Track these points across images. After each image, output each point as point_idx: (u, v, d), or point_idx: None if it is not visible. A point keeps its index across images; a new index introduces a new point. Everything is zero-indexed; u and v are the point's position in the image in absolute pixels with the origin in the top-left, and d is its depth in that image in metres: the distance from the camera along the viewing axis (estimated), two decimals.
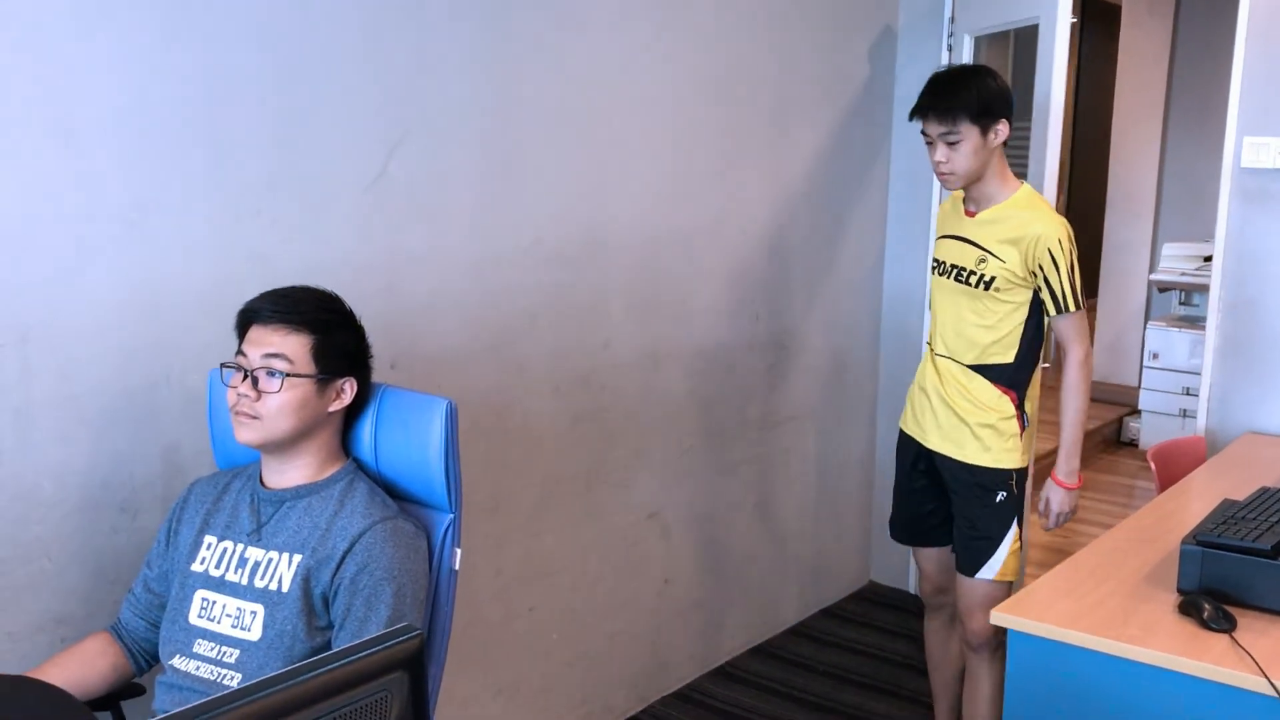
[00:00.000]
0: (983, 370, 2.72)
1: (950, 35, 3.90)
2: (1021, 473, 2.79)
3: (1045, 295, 2.62)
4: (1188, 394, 5.70)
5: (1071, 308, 2.61)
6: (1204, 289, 5.33)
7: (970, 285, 2.67)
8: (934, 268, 2.80)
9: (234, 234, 2.21)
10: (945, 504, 2.84)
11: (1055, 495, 2.78)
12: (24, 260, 1.93)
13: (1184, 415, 5.79)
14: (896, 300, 4.11)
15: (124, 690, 1.99)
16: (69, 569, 2.04)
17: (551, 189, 2.84)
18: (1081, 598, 2.16)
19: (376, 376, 2.49)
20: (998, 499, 2.75)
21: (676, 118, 3.17)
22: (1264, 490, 2.36)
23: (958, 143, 2.59)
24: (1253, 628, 1.98)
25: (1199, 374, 3.56)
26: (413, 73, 2.48)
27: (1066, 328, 2.65)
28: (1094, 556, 2.39)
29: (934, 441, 2.79)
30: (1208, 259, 4.65)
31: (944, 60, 3.89)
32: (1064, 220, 2.64)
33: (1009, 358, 2.71)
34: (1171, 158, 6.41)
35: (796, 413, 3.81)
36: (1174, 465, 3.19)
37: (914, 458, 2.88)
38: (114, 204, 2.03)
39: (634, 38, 2.99)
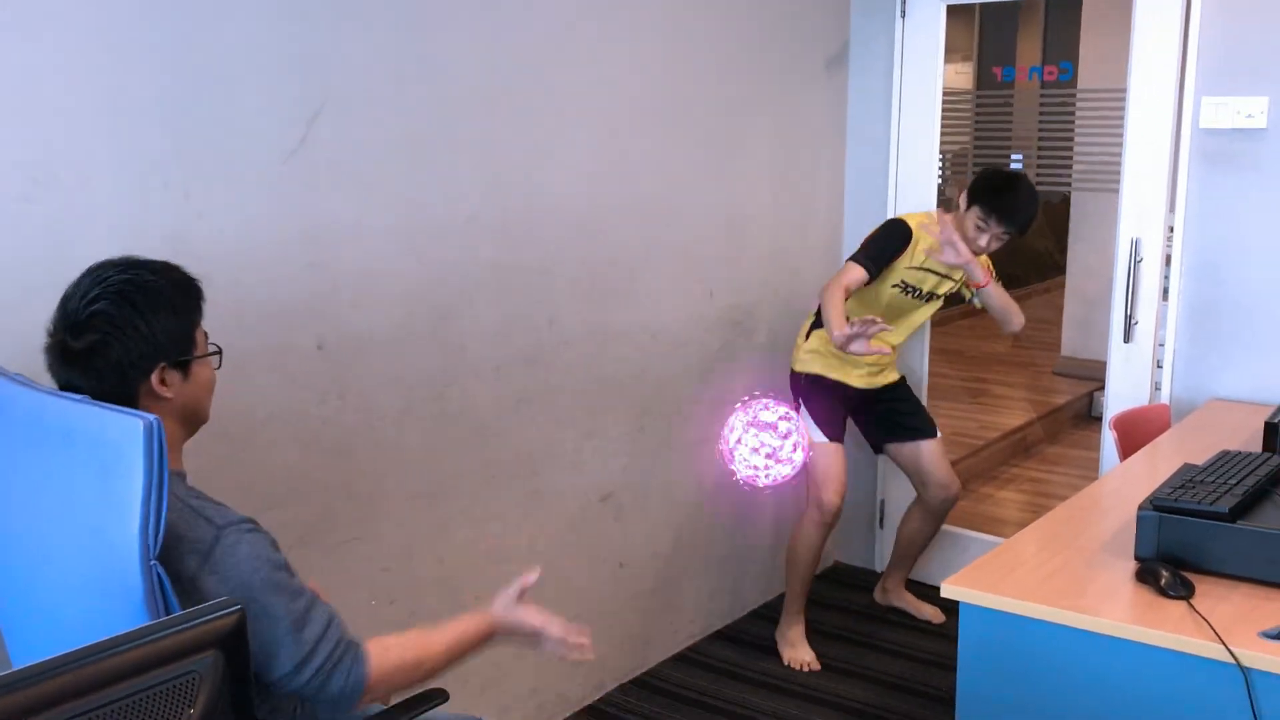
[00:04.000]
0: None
1: (904, 4, 3.81)
2: None
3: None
4: (1160, 367, 5.65)
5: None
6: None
7: (925, 300, 3.46)
8: (898, 288, 3.37)
9: (141, 209, 2.10)
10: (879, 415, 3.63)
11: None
12: None
13: (1157, 390, 5.74)
14: None
15: None
16: None
17: (488, 160, 2.73)
18: (1036, 568, 2.08)
19: (303, 358, 2.40)
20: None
21: (620, 86, 3.07)
22: (1224, 454, 2.28)
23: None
24: (1211, 593, 1.90)
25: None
26: (333, 34, 2.37)
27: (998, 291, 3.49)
28: (1050, 526, 2.31)
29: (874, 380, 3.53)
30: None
31: (898, 32, 3.80)
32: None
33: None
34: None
35: (754, 392, 3.71)
36: (1138, 433, 3.12)
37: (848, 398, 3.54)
38: (3, 178, 1.92)
39: (575, 1, 2.89)
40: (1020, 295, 10.49)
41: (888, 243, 3.27)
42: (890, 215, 3.89)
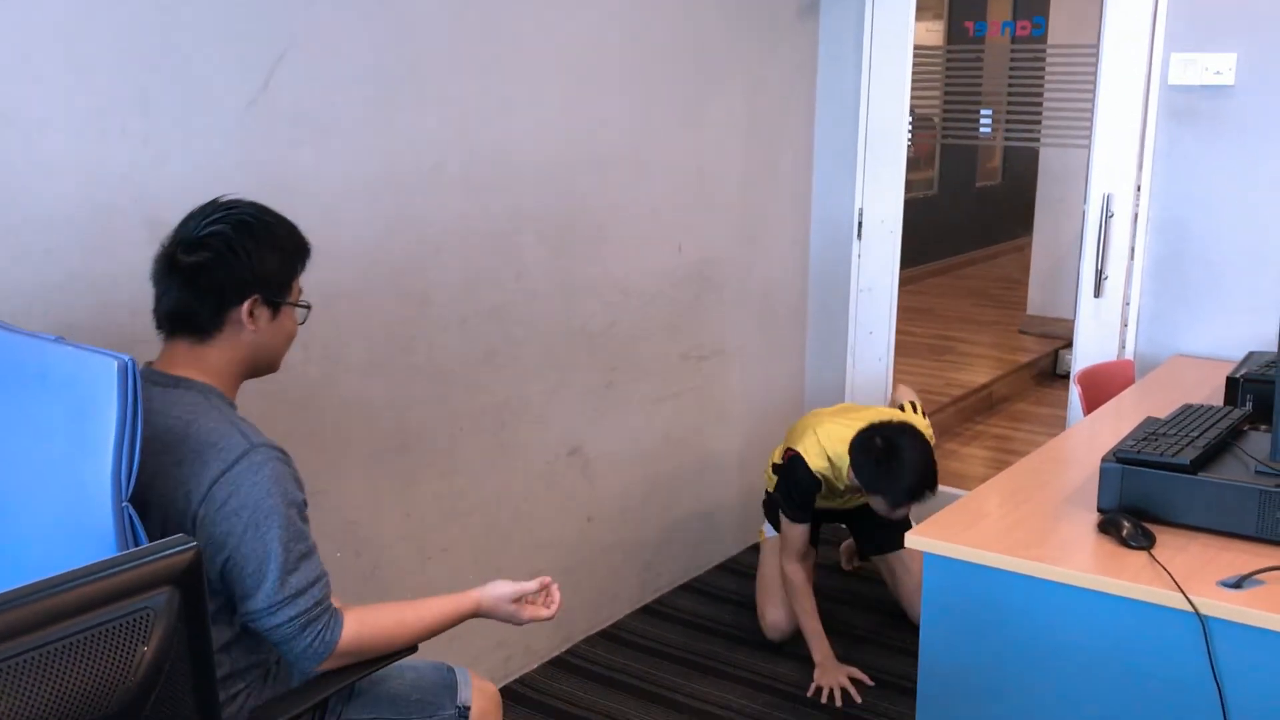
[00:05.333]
0: None
1: None
2: None
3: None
4: (1126, 325, 5.70)
5: None
6: None
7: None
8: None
9: (99, 154, 2.05)
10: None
11: None
12: None
13: (1122, 347, 5.79)
14: (825, 232, 4.01)
15: None
16: None
17: (454, 109, 2.70)
18: (1000, 519, 2.09)
19: None
20: None
21: (589, 37, 3.03)
22: (1186, 407, 2.30)
23: None
24: (1171, 544, 1.92)
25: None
26: None
27: None
28: (1014, 478, 2.33)
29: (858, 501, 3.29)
30: None
31: None
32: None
33: None
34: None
35: (723, 347, 3.72)
36: (1102, 389, 3.14)
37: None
38: None
39: None
40: (988, 254, 10.57)
41: (804, 491, 3.13)
42: (858, 173, 3.89)
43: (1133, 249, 3.39)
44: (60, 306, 2.03)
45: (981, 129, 6.47)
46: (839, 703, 3.01)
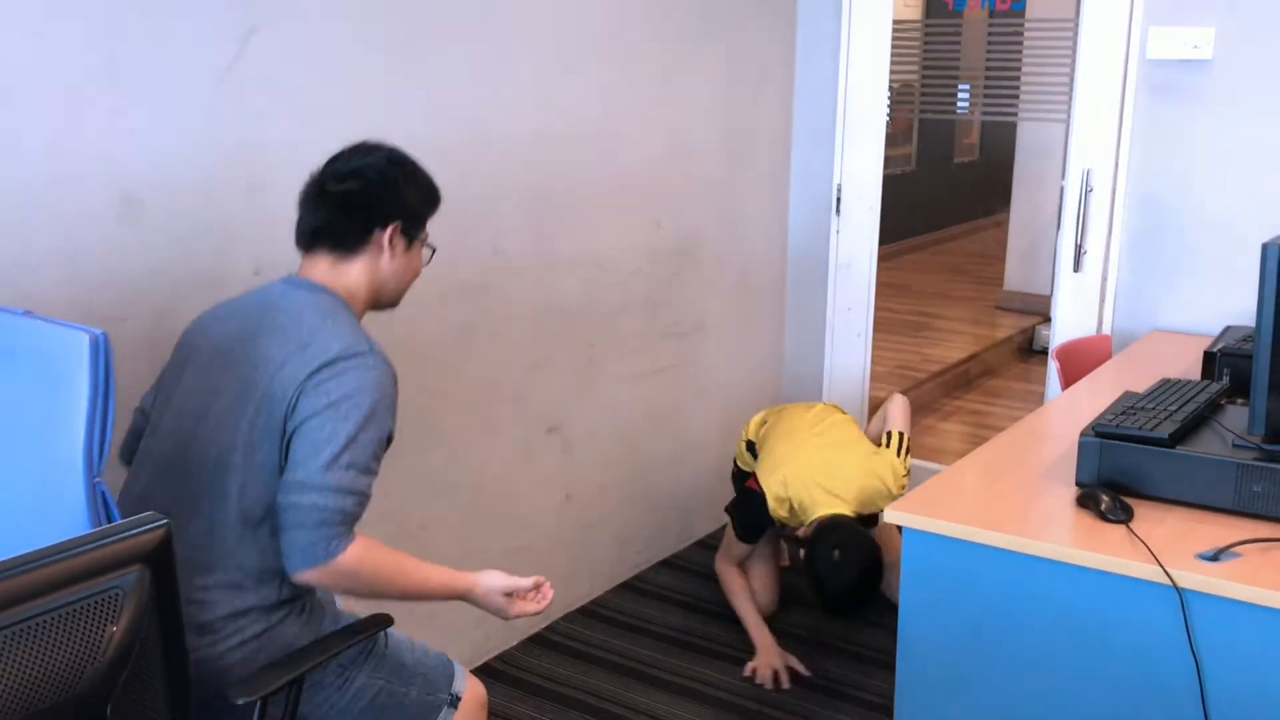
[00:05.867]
0: None
1: None
2: None
3: None
4: (1104, 302, 5.73)
5: None
6: None
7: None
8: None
9: (69, 127, 2.02)
10: None
11: None
12: None
13: (1102, 324, 5.83)
14: (803, 208, 4.00)
15: None
16: None
17: (430, 84, 2.66)
18: (978, 493, 2.10)
19: (240, 284, 2.33)
20: None
21: (566, 10, 3.00)
22: (1164, 381, 2.31)
23: None
24: (1149, 517, 1.93)
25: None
26: None
27: None
28: (992, 453, 2.33)
29: None
30: None
31: None
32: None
33: None
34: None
35: (703, 322, 3.71)
36: (1079, 364, 3.15)
37: None
38: None
39: None
40: (966, 230, 10.59)
41: (756, 522, 3.11)
42: (837, 148, 3.87)
43: (1111, 224, 3.40)
44: (29, 283, 1.99)
45: (959, 104, 6.46)
46: (770, 685, 2.98)
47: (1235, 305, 3.18)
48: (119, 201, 2.10)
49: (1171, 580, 1.74)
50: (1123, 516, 1.93)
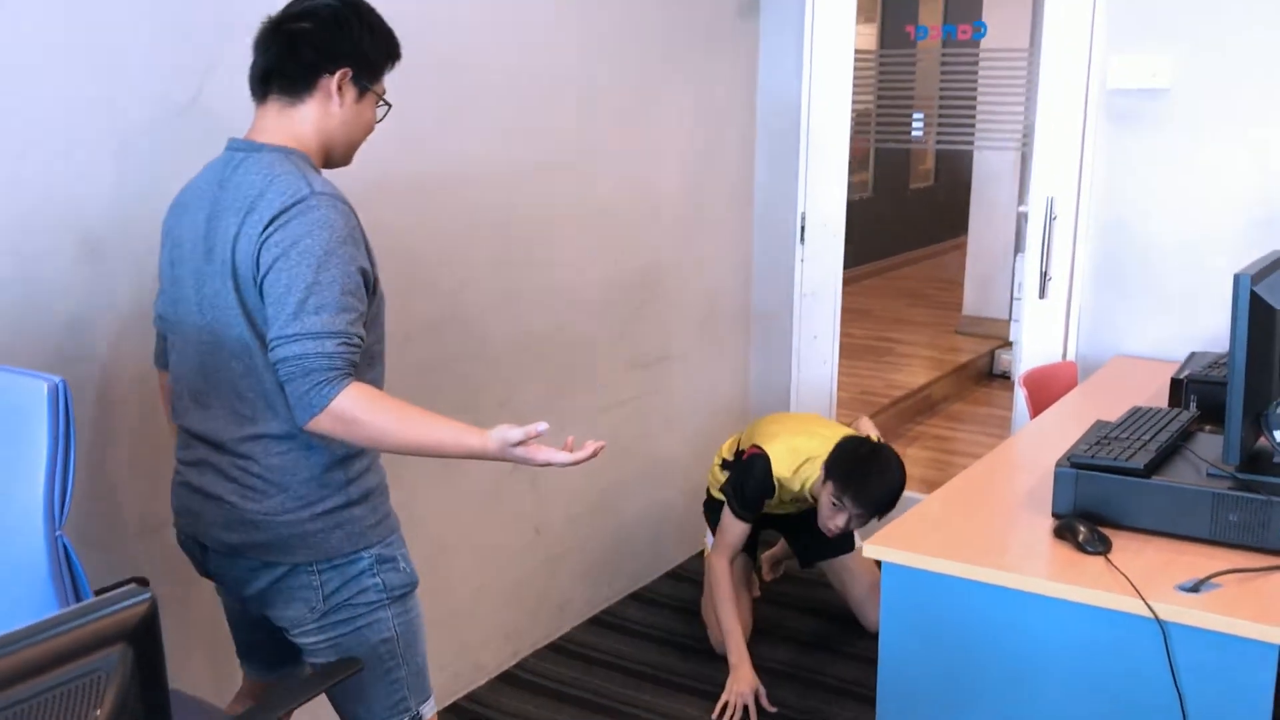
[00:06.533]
0: None
1: None
2: None
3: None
4: (1069, 328, 5.79)
5: None
6: None
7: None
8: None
9: (19, 166, 1.96)
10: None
11: None
12: None
13: (1067, 350, 5.88)
14: (767, 236, 3.99)
15: None
16: None
17: (395, 121, 2.62)
18: (956, 526, 2.09)
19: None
20: None
21: (531, 45, 2.98)
22: (1135, 410, 2.31)
23: None
24: (1127, 548, 1.93)
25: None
26: None
27: None
28: (967, 484, 2.33)
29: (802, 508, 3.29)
30: None
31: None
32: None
33: None
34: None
35: (669, 353, 3.69)
36: (1046, 391, 3.16)
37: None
38: None
39: None
40: (922, 255, 10.68)
41: (757, 490, 3.11)
42: (800, 176, 3.87)
43: (1074, 251, 3.42)
44: None
45: (914, 132, 6.52)
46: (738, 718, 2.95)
47: (1198, 331, 3.21)
48: (76, 243, 2.05)
49: (1153, 613, 1.74)
50: (1101, 548, 1.92)
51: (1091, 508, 2.02)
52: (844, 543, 3.37)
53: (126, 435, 2.18)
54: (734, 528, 3.15)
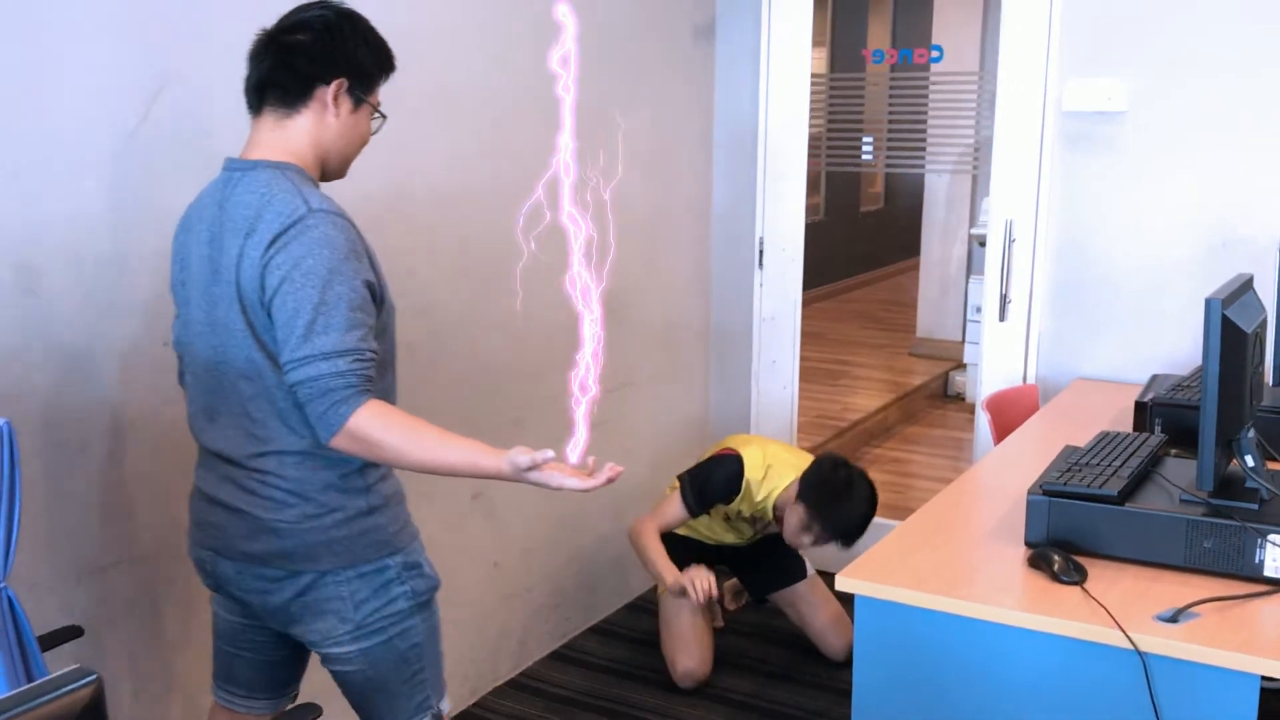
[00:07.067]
0: None
1: None
2: None
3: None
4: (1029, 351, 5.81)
5: None
6: None
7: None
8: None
9: None
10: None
11: None
12: None
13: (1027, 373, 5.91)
14: (726, 260, 3.96)
15: None
16: None
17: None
18: (928, 556, 2.05)
19: (150, 357, 2.20)
20: None
21: (483, 63, 2.93)
22: (1104, 435, 2.29)
23: None
24: (1102, 577, 1.90)
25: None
26: (180, 3, 2.17)
27: None
28: (937, 512, 2.29)
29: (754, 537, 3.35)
30: None
31: (765, 15, 3.74)
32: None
33: None
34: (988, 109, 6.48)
35: (630, 378, 3.64)
36: (1008, 414, 3.15)
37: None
38: None
39: None
40: (873, 278, 10.74)
41: (717, 489, 3.11)
42: (758, 200, 3.85)
43: (1033, 274, 3.42)
44: None
45: (865, 155, 6.53)
46: (700, 597, 2.94)
47: (1158, 353, 3.21)
48: (16, 271, 1.96)
49: (1134, 644, 1.71)
50: (1077, 577, 1.89)
51: (1065, 536, 1.99)
52: (796, 571, 3.34)
53: (79, 475, 2.08)
54: (673, 510, 3.15)
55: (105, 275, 2.10)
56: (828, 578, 3.50)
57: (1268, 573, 1.85)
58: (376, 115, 1.91)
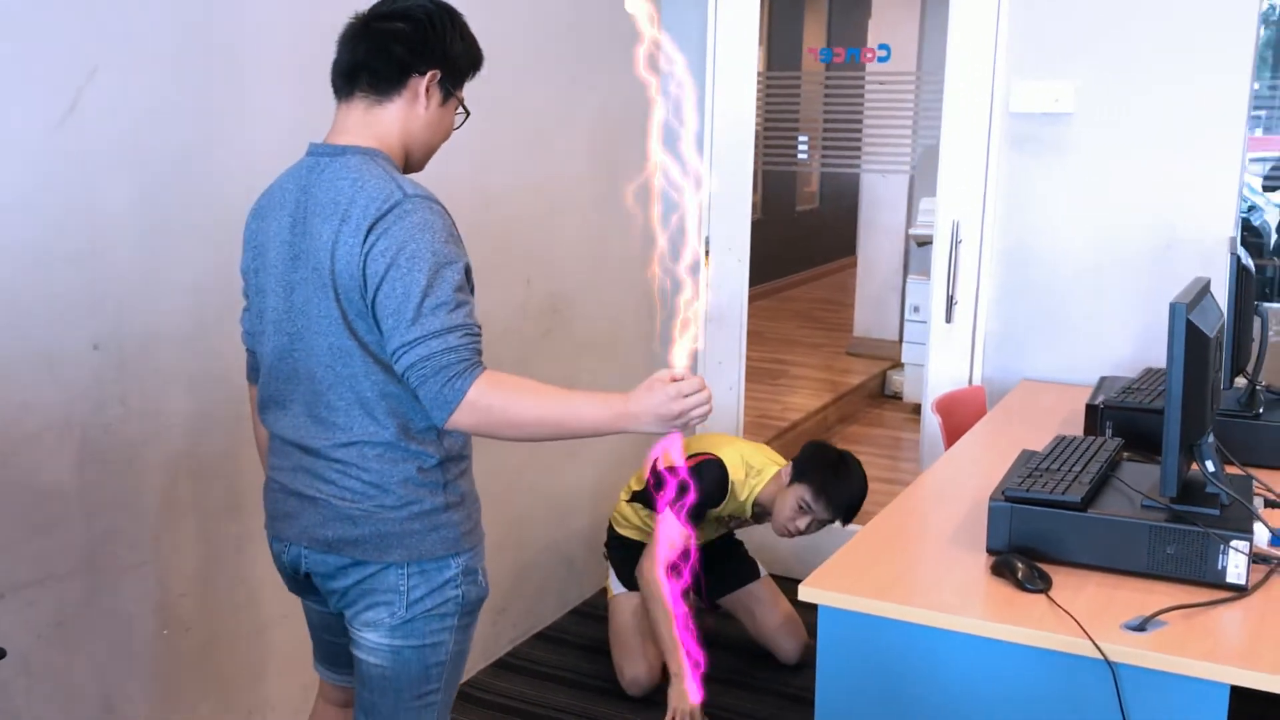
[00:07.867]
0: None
1: None
2: None
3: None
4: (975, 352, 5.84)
5: None
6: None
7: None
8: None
9: None
10: None
11: None
12: None
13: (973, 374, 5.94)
14: (671, 262, 3.91)
15: None
16: None
17: (289, 135, 2.45)
18: (890, 565, 2.01)
19: (76, 361, 2.09)
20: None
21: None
22: (1060, 439, 2.28)
23: None
24: (1067, 584, 1.88)
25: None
26: None
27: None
28: (895, 519, 2.26)
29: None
30: None
31: (711, 11, 3.70)
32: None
33: None
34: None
35: (574, 381, 3.54)
36: (956, 416, 3.14)
37: None
38: None
39: None
40: (809, 277, 10.77)
41: (707, 498, 3.05)
42: (704, 202, 3.80)
43: (979, 275, 3.41)
44: None
45: (800, 154, 6.53)
46: None
47: (1105, 354, 3.23)
48: None
49: (1103, 654, 1.68)
50: (1041, 585, 1.87)
51: (1027, 543, 1.96)
52: (748, 572, 3.31)
53: None
54: (674, 534, 3.04)
55: (24, 275, 1.99)
56: (780, 581, 3.50)
57: (1230, 579, 1.84)
58: (460, 110, 1.90)
